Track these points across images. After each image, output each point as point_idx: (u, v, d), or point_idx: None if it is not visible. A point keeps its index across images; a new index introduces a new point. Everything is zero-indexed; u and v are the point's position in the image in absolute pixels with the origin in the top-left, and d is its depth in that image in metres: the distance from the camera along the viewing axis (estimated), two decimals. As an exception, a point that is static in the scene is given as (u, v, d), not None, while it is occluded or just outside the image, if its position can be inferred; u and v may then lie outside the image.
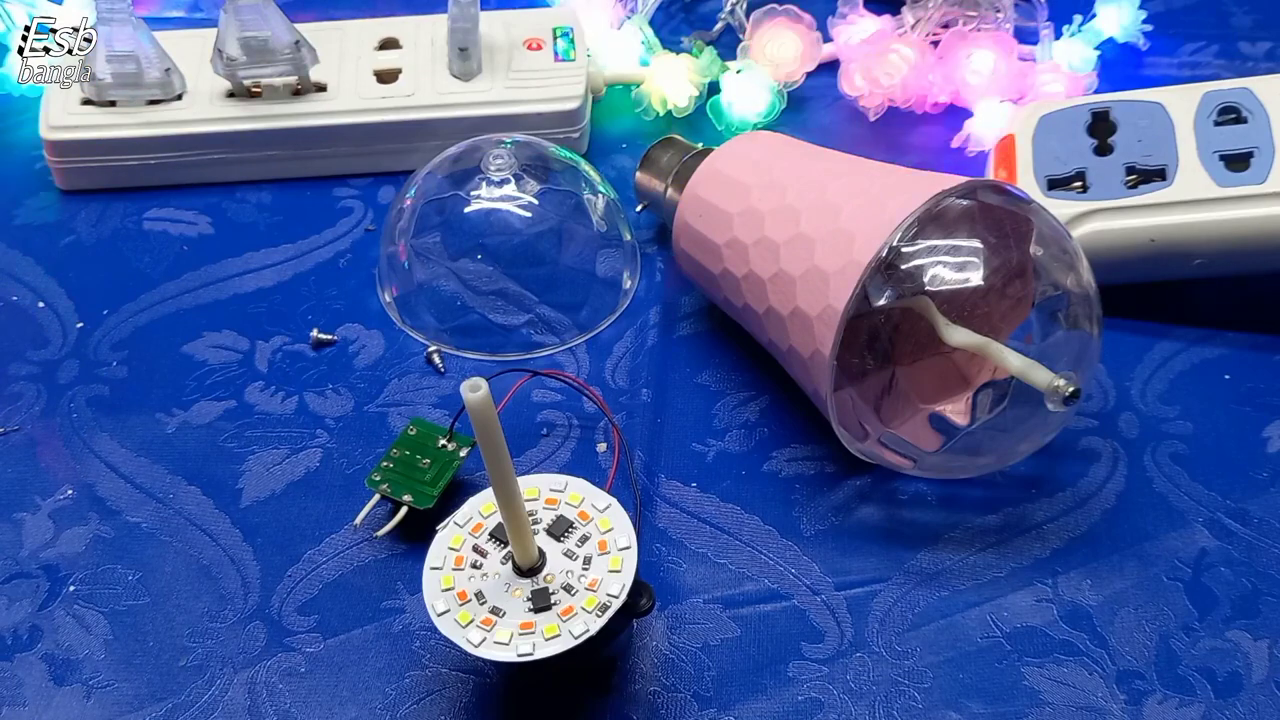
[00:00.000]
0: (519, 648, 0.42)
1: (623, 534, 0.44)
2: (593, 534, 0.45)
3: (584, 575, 0.43)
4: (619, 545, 0.44)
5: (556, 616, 0.42)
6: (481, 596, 0.43)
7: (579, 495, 0.46)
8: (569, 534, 0.44)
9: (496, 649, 0.42)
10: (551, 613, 0.42)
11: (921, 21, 0.66)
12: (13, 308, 0.59)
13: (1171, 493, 0.51)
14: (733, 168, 0.54)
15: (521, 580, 0.43)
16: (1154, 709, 0.46)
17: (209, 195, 0.63)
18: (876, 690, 0.46)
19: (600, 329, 0.58)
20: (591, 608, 0.43)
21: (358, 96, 0.62)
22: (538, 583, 0.43)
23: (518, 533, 0.43)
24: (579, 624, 0.42)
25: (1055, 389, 0.47)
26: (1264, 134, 0.54)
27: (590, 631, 0.42)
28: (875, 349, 0.50)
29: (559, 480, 0.46)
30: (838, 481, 0.52)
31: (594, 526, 0.45)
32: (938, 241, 0.48)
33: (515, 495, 0.42)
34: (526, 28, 0.65)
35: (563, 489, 0.46)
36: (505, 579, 0.44)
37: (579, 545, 0.44)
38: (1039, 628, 0.48)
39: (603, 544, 0.44)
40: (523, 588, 0.43)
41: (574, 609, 0.43)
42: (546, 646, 0.42)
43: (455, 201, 0.57)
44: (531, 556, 0.43)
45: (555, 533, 0.44)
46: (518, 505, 0.42)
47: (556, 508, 0.45)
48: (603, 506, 0.45)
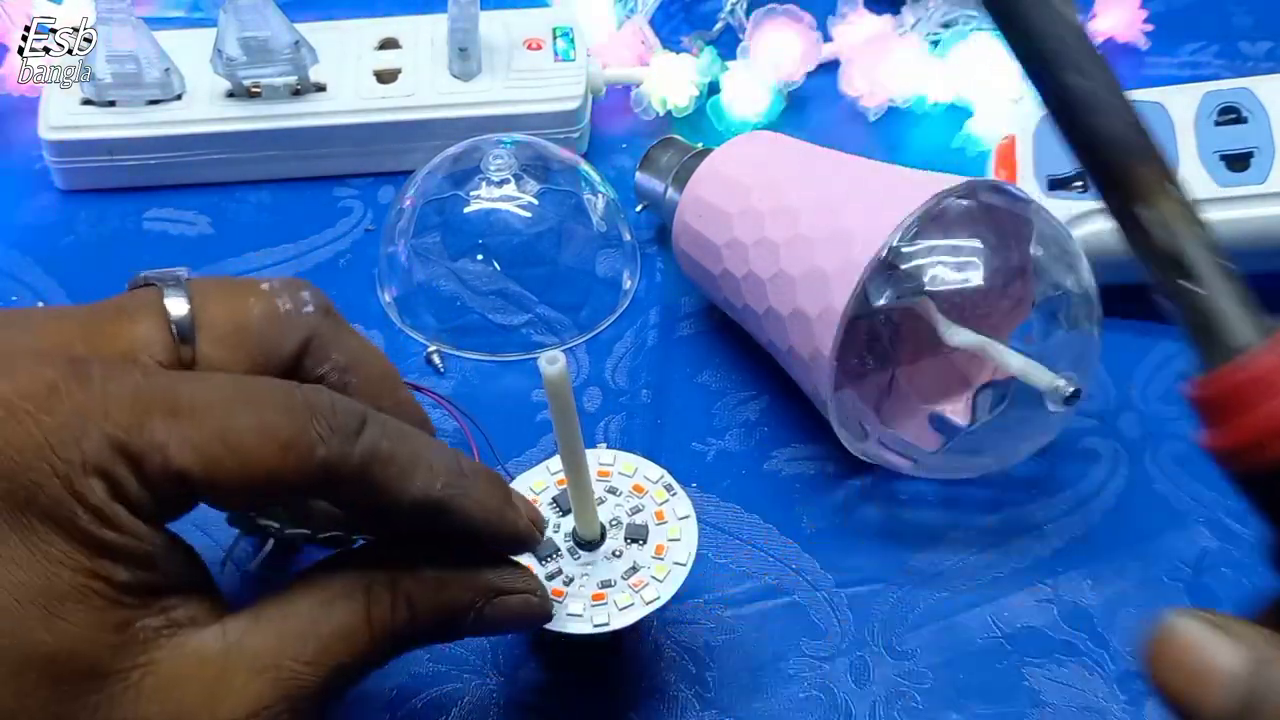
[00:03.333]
0: (594, 619, 0.42)
1: (681, 504, 0.45)
2: (648, 505, 0.45)
3: (645, 546, 0.44)
4: (678, 515, 0.44)
5: (628, 586, 0.42)
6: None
7: (632, 466, 0.46)
8: (636, 513, 0.45)
9: (571, 621, 0.42)
10: (622, 583, 0.43)
11: (921, 21, 0.66)
12: (12, 308, 0.59)
13: (1172, 493, 0.51)
14: (733, 168, 0.54)
15: (584, 552, 0.43)
16: (1155, 709, 0.46)
17: (209, 195, 0.63)
18: (877, 690, 0.46)
19: (600, 329, 0.58)
20: (663, 576, 0.43)
21: (357, 96, 0.62)
22: (629, 524, 0.44)
23: (583, 505, 0.42)
24: (650, 591, 0.42)
25: (1056, 389, 0.47)
26: (1264, 134, 0.54)
27: (662, 599, 0.42)
28: (875, 349, 0.50)
29: (608, 455, 0.46)
30: (838, 481, 0.52)
31: (649, 498, 0.45)
32: (938, 241, 0.48)
33: (584, 470, 0.42)
34: (526, 28, 0.65)
35: (612, 462, 0.46)
36: (565, 553, 0.44)
37: (631, 515, 0.44)
38: (1039, 628, 0.48)
39: (659, 514, 0.44)
40: (589, 561, 0.43)
41: (644, 579, 0.43)
42: (621, 616, 0.42)
43: (455, 201, 0.57)
44: (595, 530, 0.43)
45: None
46: (585, 479, 0.42)
47: (609, 479, 0.45)
48: (655, 478, 0.45)
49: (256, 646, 0.34)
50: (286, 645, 0.35)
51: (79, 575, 0.32)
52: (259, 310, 0.38)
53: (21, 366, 0.33)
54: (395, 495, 0.36)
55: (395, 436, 0.36)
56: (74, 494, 0.32)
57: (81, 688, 0.32)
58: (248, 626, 0.35)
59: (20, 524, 0.32)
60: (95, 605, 0.32)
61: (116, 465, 0.32)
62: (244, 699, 0.34)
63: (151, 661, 0.33)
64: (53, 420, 0.32)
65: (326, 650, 0.35)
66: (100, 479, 0.32)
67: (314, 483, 0.35)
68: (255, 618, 0.35)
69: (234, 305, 0.38)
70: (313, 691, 0.35)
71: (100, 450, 0.32)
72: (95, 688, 0.32)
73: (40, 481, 0.32)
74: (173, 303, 0.37)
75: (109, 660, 0.33)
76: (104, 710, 0.33)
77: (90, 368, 0.33)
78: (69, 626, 0.32)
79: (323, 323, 0.39)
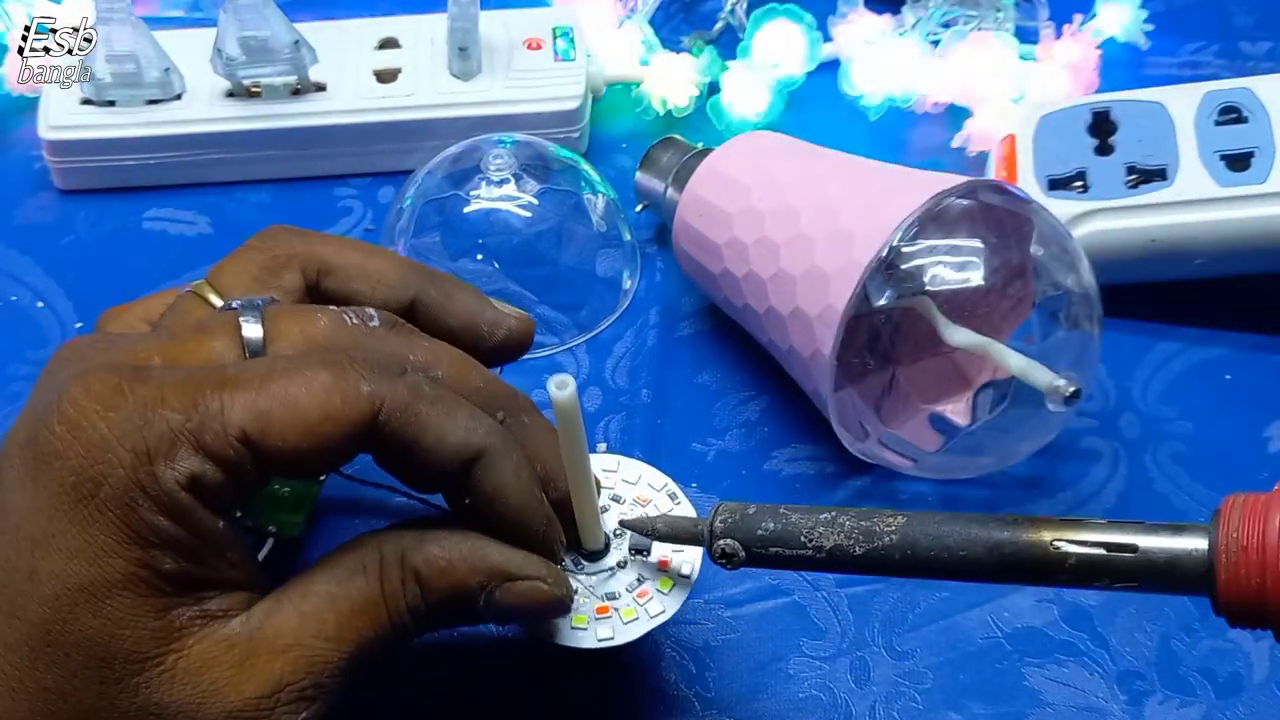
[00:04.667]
0: (598, 632, 0.41)
1: (686, 513, 0.44)
2: (652, 514, 0.44)
3: (649, 557, 0.43)
4: None
5: (633, 599, 0.42)
6: None
7: (635, 473, 0.45)
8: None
9: (575, 634, 0.41)
10: (627, 596, 0.42)
11: (921, 21, 0.66)
12: (11, 308, 0.59)
13: (1172, 493, 0.51)
14: (733, 168, 0.54)
15: (587, 563, 0.43)
16: (1155, 709, 0.46)
17: (208, 195, 0.63)
18: (877, 690, 0.46)
19: (600, 329, 0.58)
20: (667, 589, 0.42)
21: (357, 96, 0.62)
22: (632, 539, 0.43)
23: (587, 519, 0.42)
24: (655, 605, 0.42)
25: (1056, 389, 0.47)
26: (1265, 134, 0.54)
27: (667, 613, 0.42)
28: (875, 349, 0.50)
29: (610, 460, 0.45)
30: (838, 481, 0.52)
31: (653, 507, 0.44)
32: (938, 241, 0.48)
33: (590, 487, 0.41)
34: (526, 27, 0.65)
35: (615, 468, 0.45)
36: (569, 564, 0.43)
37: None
38: (1039, 628, 0.48)
39: None
40: (593, 573, 0.43)
41: (649, 591, 0.42)
42: (626, 630, 0.41)
43: (455, 201, 0.57)
44: (599, 541, 0.42)
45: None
46: (591, 496, 0.41)
47: (612, 487, 0.45)
48: (659, 486, 0.45)
49: (278, 626, 0.36)
50: (307, 624, 0.36)
51: (130, 565, 0.34)
52: (325, 322, 0.39)
53: (93, 374, 0.35)
54: (439, 436, 0.37)
55: (438, 384, 0.38)
56: (136, 483, 0.34)
57: (123, 670, 0.34)
58: (270, 608, 0.37)
59: (80, 517, 0.34)
60: (140, 593, 0.35)
61: (178, 447, 0.35)
62: (268, 677, 0.36)
63: (184, 648, 0.35)
64: (117, 415, 0.34)
65: (346, 626, 0.37)
66: (164, 464, 0.34)
67: (363, 424, 0.36)
68: (277, 599, 0.37)
69: (304, 321, 0.39)
70: (337, 667, 0.36)
71: (161, 436, 0.35)
72: (135, 671, 0.35)
73: (106, 474, 0.34)
74: (248, 326, 0.39)
75: (149, 646, 0.35)
76: (142, 693, 0.35)
77: (151, 370, 0.36)
78: (114, 612, 0.34)
79: (390, 333, 0.40)
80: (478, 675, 0.47)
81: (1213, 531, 0.34)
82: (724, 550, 0.40)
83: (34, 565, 0.34)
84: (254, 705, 0.35)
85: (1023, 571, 0.36)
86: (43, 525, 0.34)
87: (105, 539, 0.34)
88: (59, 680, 0.34)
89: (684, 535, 0.41)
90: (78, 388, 0.35)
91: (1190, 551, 0.34)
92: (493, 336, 0.43)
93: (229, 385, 0.36)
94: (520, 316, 0.44)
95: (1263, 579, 0.33)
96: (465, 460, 0.37)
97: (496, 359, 0.44)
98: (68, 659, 0.34)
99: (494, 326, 0.43)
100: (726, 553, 0.40)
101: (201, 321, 0.40)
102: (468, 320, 0.43)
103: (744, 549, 0.39)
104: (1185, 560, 0.34)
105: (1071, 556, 0.35)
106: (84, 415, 0.35)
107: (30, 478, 0.35)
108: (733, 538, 0.39)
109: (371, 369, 0.37)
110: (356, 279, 0.43)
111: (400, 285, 0.43)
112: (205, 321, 0.40)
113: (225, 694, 0.35)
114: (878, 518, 0.38)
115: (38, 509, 0.35)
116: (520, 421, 0.40)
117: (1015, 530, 0.36)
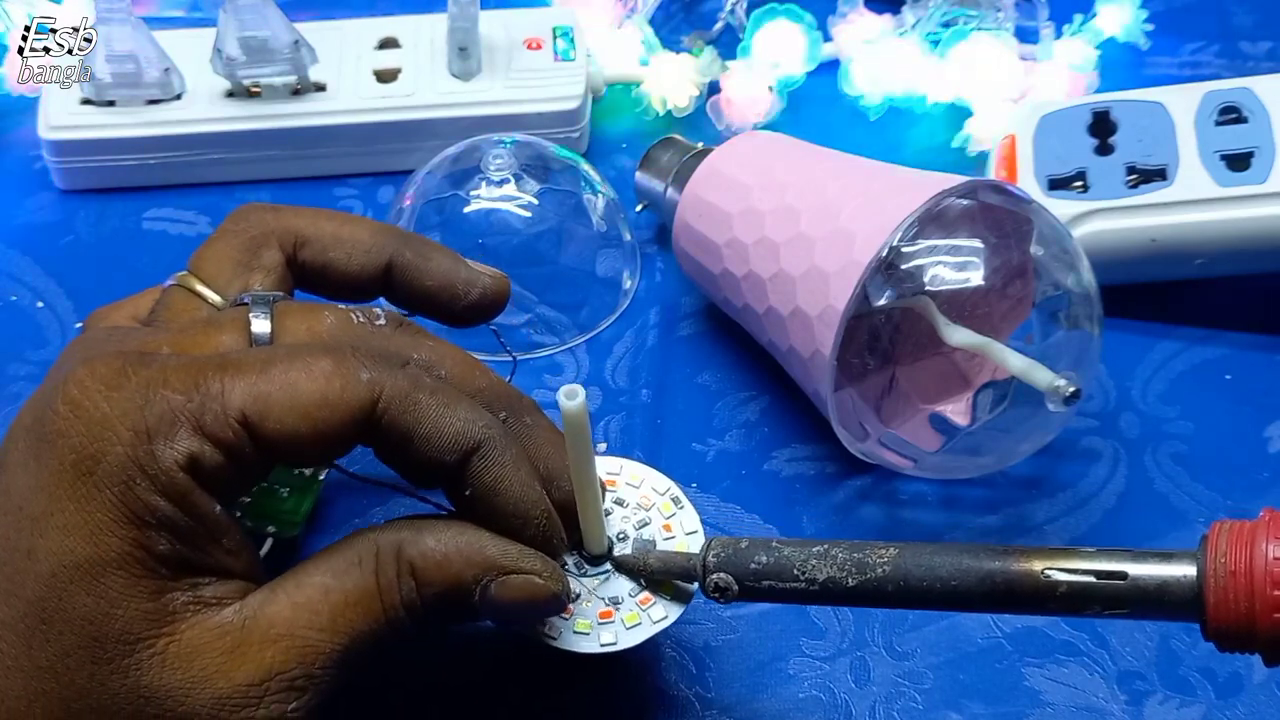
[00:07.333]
0: (601, 637, 0.41)
1: (689, 518, 0.44)
2: (655, 518, 0.44)
3: None
4: (686, 530, 0.43)
5: (636, 604, 0.42)
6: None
7: (638, 476, 0.45)
8: (642, 527, 0.44)
9: (577, 639, 0.41)
10: (630, 601, 0.42)
11: (921, 21, 0.66)
12: (11, 308, 0.59)
13: (1172, 493, 0.51)
14: (733, 168, 0.54)
15: (590, 567, 0.42)
16: (1155, 709, 0.46)
17: (208, 195, 0.63)
18: (877, 690, 0.46)
19: (600, 329, 0.58)
20: (669, 594, 0.42)
21: (357, 96, 0.62)
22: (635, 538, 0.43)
23: (591, 524, 0.42)
24: (658, 610, 0.42)
25: (1056, 389, 0.47)
26: (1265, 134, 0.54)
27: (670, 618, 0.42)
28: (875, 349, 0.50)
29: (614, 463, 0.45)
30: (838, 481, 0.52)
31: (656, 511, 0.44)
32: (938, 241, 0.48)
33: (595, 492, 0.41)
34: (526, 27, 0.65)
35: (619, 471, 0.45)
36: (571, 568, 0.43)
37: (639, 529, 0.43)
38: (1039, 628, 0.48)
39: (667, 527, 0.44)
40: (596, 576, 0.42)
41: (650, 597, 0.42)
42: (629, 635, 0.41)
43: (455, 201, 0.57)
44: (602, 546, 0.42)
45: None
46: (595, 501, 0.41)
47: (616, 489, 0.45)
48: (663, 490, 0.45)
49: (271, 616, 0.36)
50: (300, 614, 0.36)
51: (125, 544, 0.35)
52: (332, 319, 0.40)
53: (99, 358, 0.36)
54: (438, 426, 0.37)
55: (439, 379, 0.38)
56: (135, 461, 0.35)
57: (115, 650, 0.35)
58: (265, 598, 0.37)
59: (79, 494, 0.35)
60: (135, 573, 0.35)
61: (178, 427, 0.35)
62: (259, 666, 0.36)
63: (176, 632, 0.35)
64: (119, 395, 0.35)
65: (340, 618, 0.37)
66: (164, 443, 0.35)
67: (362, 411, 0.37)
68: (272, 590, 0.37)
69: (311, 318, 0.40)
70: (329, 658, 0.36)
71: (162, 416, 0.35)
72: (127, 652, 0.35)
73: (105, 451, 0.35)
74: (257, 321, 0.39)
75: (141, 627, 0.35)
76: (133, 675, 0.35)
77: (156, 355, 0.37)
78: (108, 591, 0.35)
79: (396, 332, 0.41)
80: (478, 676, 0.47)
81: (1201, 557, 0.35)
82: (717, 584, 0.40)
83: (32, 543, 0.35)
84: (243, 693, 0.35)
85: (1015, 601, 0.37)
86: (43, 504, 0.35)
87: (102, 516, 0.34)
88: (52, 659, 0.35)
89: (677, 571, 0.41)
90: (83, 370, 0.35)
91: (1180, 578, 0.35)
92: (468, 295, 0.44)
93: (230, 369, 0.36)
94: (494, 275, 0.45)
95: (1250, 604, 0.34)
96: (464, 451, 0.38)
97: (472, 317, 0.45)
98: (61, 637, 0.35)
99: (469, 285, 0.44)
100: (720, 587, 0.40)
101: (212, 316, 0.40)
102: (443, 280, 0.44)
103: (737, 583, 0.40)
104: (1175, 586, 0.35)
105: (1062, 585, 0.36)
106: (87, 395, 0.35)
107: (33, 457, 0.35)
108: (726, 572, 0.40)
109: (373, 359, 0.37)
110: (332, 247, 0.43)
111: (376, 249, 0.44)
112: (215, 316, 0.40)
113: (215, 680, 0.35)
114: (870, 550, 0.38)
115: (39, 488, 0.35)
116: (523, 422, 0.41)
117: (1006, 560, 0.37)
